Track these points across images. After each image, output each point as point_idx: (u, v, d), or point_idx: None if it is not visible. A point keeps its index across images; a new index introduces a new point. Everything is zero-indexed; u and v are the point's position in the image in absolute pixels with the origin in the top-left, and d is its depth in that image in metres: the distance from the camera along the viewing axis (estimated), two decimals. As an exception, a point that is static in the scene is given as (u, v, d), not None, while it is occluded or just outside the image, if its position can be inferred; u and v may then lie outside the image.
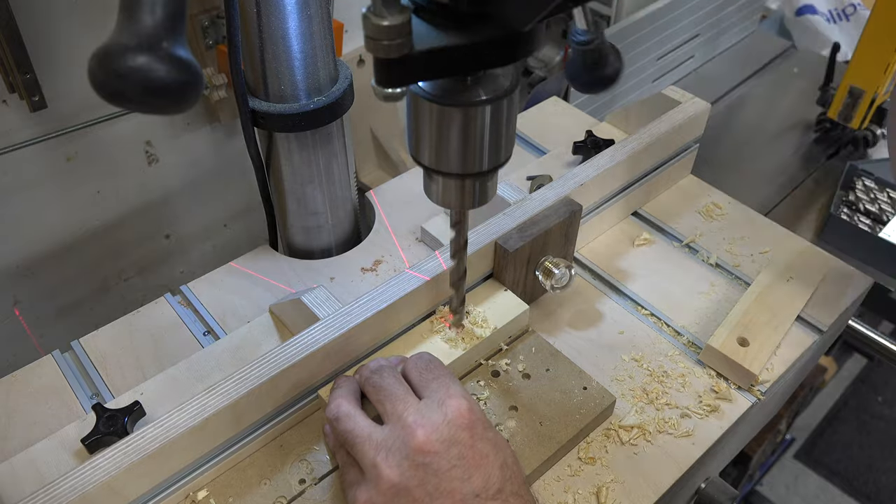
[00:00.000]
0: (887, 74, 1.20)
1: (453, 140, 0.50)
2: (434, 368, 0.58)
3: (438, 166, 0.52)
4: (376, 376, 0.58)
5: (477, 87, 0.49)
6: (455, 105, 0.48)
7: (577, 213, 0.75)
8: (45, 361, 0.74)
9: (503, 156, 0.53)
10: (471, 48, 0.44)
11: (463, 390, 0.56)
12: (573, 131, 1.01)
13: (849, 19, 1.71)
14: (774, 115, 1.43)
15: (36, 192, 0.96)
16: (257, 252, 0.85)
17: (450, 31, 0.44)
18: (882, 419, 2.14)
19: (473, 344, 0.68)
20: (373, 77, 0.44)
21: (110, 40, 0.41)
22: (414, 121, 0.51)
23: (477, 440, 0.53)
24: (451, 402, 0.54)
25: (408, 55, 0.42)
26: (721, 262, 0.84)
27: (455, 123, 0.49)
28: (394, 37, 0.41)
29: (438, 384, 0.56)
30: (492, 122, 0.50)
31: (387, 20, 0.40)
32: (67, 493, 0.53)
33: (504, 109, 0.50)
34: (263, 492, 0.62)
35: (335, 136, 0.78)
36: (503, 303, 0.73)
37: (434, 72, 0.45)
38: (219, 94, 1.00)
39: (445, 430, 0.52)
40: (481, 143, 0.50)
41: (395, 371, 0.59)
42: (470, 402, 0.55)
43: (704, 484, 0.74)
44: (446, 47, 0.44)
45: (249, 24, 0.68)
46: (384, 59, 0.42)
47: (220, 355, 0.73)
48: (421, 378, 0.57)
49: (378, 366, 0.59)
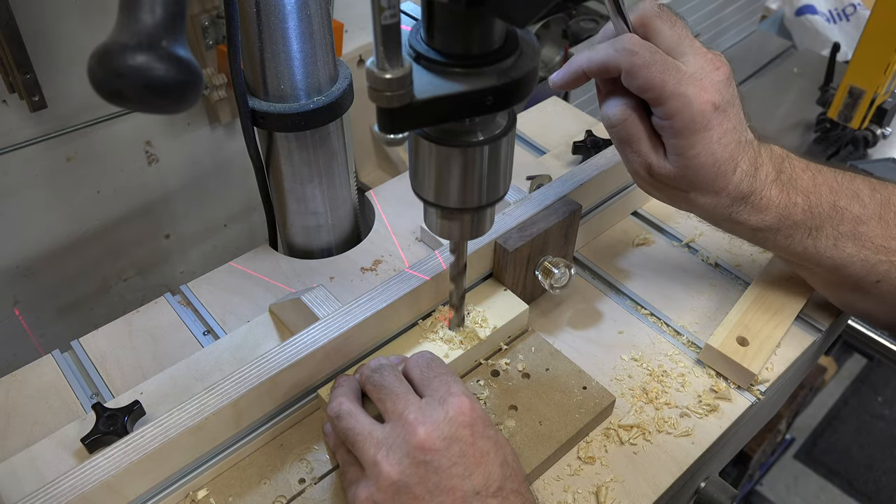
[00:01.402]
0: (887, 74, 1.20)
1: (452, 177, 0.52)
2: (435, 367, 0.58)
3: (438, 201, 0.54)
4: (377, 375, 0.58)
5: (475, 128, 0.51)
6: (454, 146, 0.50)
7: (577, 213, 0.75)
8: (45, 361, 0.74)
9: (500, 191, 0.55)
10: (470, 95, 0.46)
11: (464, 388, 0.56)
12: (573, 131, 1.02)
13: (849, 19, 1.71)
14: (774, 115, 1.43)
15: (36, 192, 0.96)
16: (257, 252, 0.85)
17: (449, 79, 0.46)
18: (882, 419, 2.14)
19: (473, 344, 0.68)
20: (375, 124, 0.46)
21: (110, 39, 0.41)
22: (415, 158, 0.53)
23: (478, 438, 0.53)
24: (452, 399, 0.54)
25: (409, 104, 0.44)
26: (721, 262, 0.84)
27: (454, 162, 0.51)
28: (396, 88, 0.43)
29: (440, 382, 0.56)
30: (489, 161, 0.52)
31: (389, 73, 0.42)
32: (67, 492, 0.53)
33: (501, 148, 0.52)
34: (263, 491, 0.62)
35: (335, 135, 0.78)
36: (503, 302, 0.73)
37: (435, 118, 0.47)
38: (219, 94, 1.00)
39: (446, 427, 0.52)
40: (479, 180, 0.53)
41: (395, 370, 0.59)
42: (471, 400, 0.55)
43: (704, 483, 0.74)
44: (446, 96, 0.46)
45: (249, 24, 0.68)
46: (387, 108, 0.44)
47: (219, 355, 0.73)
48: (422, 376, 0.58)
49: (378, 364, 0.59)
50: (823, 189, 0.66)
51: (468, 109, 0.47)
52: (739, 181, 0.64)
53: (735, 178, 0.64)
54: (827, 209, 0.66)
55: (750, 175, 0.64)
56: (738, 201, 0.65)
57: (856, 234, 0.66)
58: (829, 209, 0.66)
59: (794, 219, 0.66)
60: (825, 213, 0.66)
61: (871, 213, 0.66)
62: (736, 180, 0.64)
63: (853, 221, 0.66)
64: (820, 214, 0.66)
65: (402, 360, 0.62)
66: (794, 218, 0.66)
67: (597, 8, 1.40)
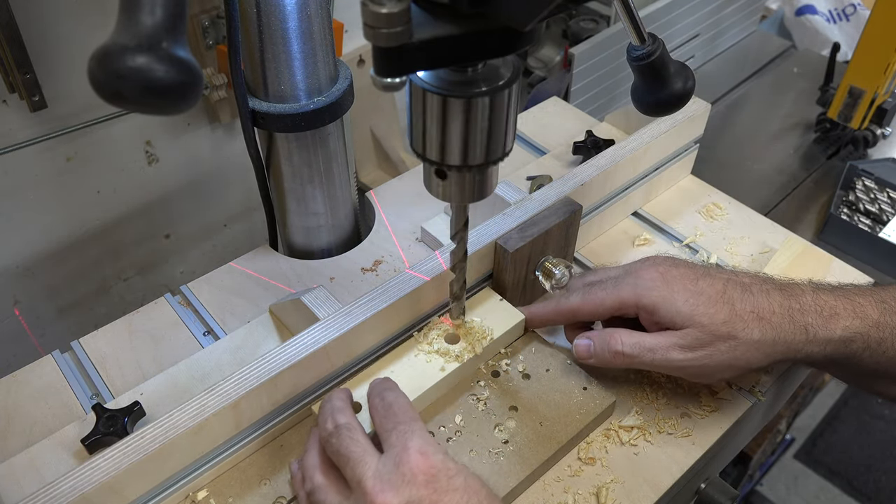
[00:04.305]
0: (887, 74, 1.20)
1: (453, 131, 0.50)
2: (392, 415, 0.56)
3: (438, 158, 0.52)
4: (334, 439, 0.55)
5: (477, 78, 0.48)
6: (455, 96, 0.48)
7: (577, 213, 0.75)
8: (45, 361, 0.74)
9: (504, 148, 0.52)
10: (470, 38, 0.44)
11: (421, 438, 0.53)
12: (573, 131, 1.01)
13: (849, 19, 1.71)
14: (774, 115, 1.43)
15: (36, 192, 0.96)
16: (257, 252, 0.85)
17: (449, 21, 0.44)
18: (882, 419, 2.13)
19: (469, 357, 0.68)
20: (371, 67, 0.44)
21: (110, 41, 0.41)
22: (414, 112, 0.50)
23: (442, 494, 0.50)
24: (407, 458, 0.51)
25: (406, 44, 0.42)
26: (721, 261, 0.84)
27: (455, 114, 0.49)
28: (393, 25, 0.41)
29: (397, 436, 0.54)
30: (492, 114, 0.49)
31: (385, 8, 0.40)
32: (67, 493, 0.53)
33: (504, 101, 0.49)
34: (263, 492, 0.62)
35: (335, 136, 0.78)
36: (500, 313, 0.72)
37: (433, 61, 0.45)
38: (219, 94, 1.00)
39: (406, 491, 0.50)
40: (481, 134, 0.50)
41: (350, 427, 0.56)
42: (428, 453, 0.52)
43: (704, 484, 0.74)
44: (445, 37, 0.43)
45: (249, 24, 0.68)
46: (383, 48, 0.42)
47: (219, 355, 0.73)
48: (381, 427, 0.56)
49: (335, 426, 0.56)
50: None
51: (469, 53, 0.45)
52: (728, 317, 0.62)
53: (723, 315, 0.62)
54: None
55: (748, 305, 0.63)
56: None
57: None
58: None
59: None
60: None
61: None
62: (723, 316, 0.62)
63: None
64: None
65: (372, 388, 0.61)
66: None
67: (597, 8, 1.40)
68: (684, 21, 1.40)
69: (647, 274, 0.65)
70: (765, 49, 1.60)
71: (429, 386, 0.66)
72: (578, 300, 0.67)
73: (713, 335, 0.62)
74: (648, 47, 0.62)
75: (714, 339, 0.62)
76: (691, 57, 1.49)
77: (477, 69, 0.48)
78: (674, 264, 0.66)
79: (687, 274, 0.65)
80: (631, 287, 0.65)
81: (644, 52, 0.63)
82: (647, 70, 0.64)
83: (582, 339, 0.67)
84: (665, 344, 0.63)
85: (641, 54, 0.63)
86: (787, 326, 0.62)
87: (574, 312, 0.68)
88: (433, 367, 0.67)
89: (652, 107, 0.66)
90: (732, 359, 0.62)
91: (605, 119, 1.02)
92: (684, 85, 0.65)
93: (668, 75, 0.64)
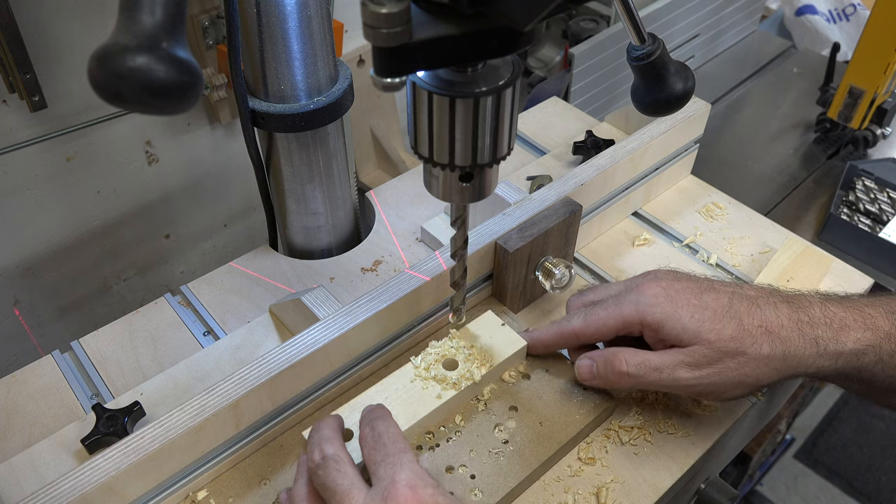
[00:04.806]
0: (887, 74, 1.20)
1: (454, 132, 0.49)
2: (381, 446, 0.54)
3: (438, 158, 0.51)
4: (321, 471, 0.54)
5: (478, 78, 0.48)
6: (455, 96, 0.48)
7: (577, 214, 0.75)
8: (45, 361, 0.74)
9: (504, 149, 0.52)
10: (470, 38, 0.44)
11: (411, 471, 0.52)
12: (573, 131, 1.01)
13: (849, 19, 1.71)
14: (774, 115, 1.43)
15: (36, 192, 0.96)
16: (257, 252, 0.85)
17: (449, 21, 0.44)
18: (882, 419, 2.13)
19: (467, 384, 0.66)
20: (371, 67, 0.44)
21: (110, 41, 0.41)
22: (414, 112, 0.50)
23: None
24: (396, 492, 0.50)
25: (406, 44, 0.42)
26: (721, 262, 0.84)
27: (455, 114, 0.48)
28: (393, 25, 0.41)
29: (385, 468, 0.52)
30: (492, 114, 0.49)
31: (385, 8, 0.40)
32: (67, 493, 0.53)
33: (505, 101, 0.49)
34: (263, 492, 0.62)
35: (335, 136, 0.78)
36: (500, 338, 0.69)
37: (433, 61, 0.45)
38: (219, 94, 1.00)
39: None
40: (482, 135, 0.50)
41: (337, 459, 0.54)
42: (417, 487, 0.51)
43: (704, 484, 0.74)
44: (445, 37, 0.43)
45: (249, 24, 0.68)
46: (383, 48, 0.42)
47: (219, 355, 0.73)
48: (369, 459, 0.55)
49: (322, 457, 0.55)
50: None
51: (469, 53, 0.45)
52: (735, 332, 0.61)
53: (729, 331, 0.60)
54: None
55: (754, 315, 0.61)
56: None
57: None
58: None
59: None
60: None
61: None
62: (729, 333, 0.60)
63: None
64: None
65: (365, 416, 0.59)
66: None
67: (597, 8, 1.40)
68: (684, 21, 1.40)
69: (649, 290, 0.63)
70: (765, 49, 1.60)
71: (424, 414, 0.63)
72: (580, 323, 0.65)
73: (721, 352, 0.59)
74: (648, 47, 0.63)
75: (722, 355, 0.60)
76: (691, 57, 1.49)
77: (477, 69, 0.48)
78: (676, 278, 0.64)
79: (690, 288, 0.63)
80: (633, 304, 0.63)
81: (644, 52, 0.63)
82: (647, 70, 0.64)
83: (584, 359, 0.65)
84: (671, 362, 0.61)
85: (641, 54, 0.63)
86: (796, 340, 0.60)
87: (577, 335, 0.66)
88: (430, 394, 0.65)
89: (652, 107, 0.66)
90: (742, 376, 0.60)
91: (605, 119, 1.02)
92: (684, 85, 0.65)
93: (668, 75, 0.64)
